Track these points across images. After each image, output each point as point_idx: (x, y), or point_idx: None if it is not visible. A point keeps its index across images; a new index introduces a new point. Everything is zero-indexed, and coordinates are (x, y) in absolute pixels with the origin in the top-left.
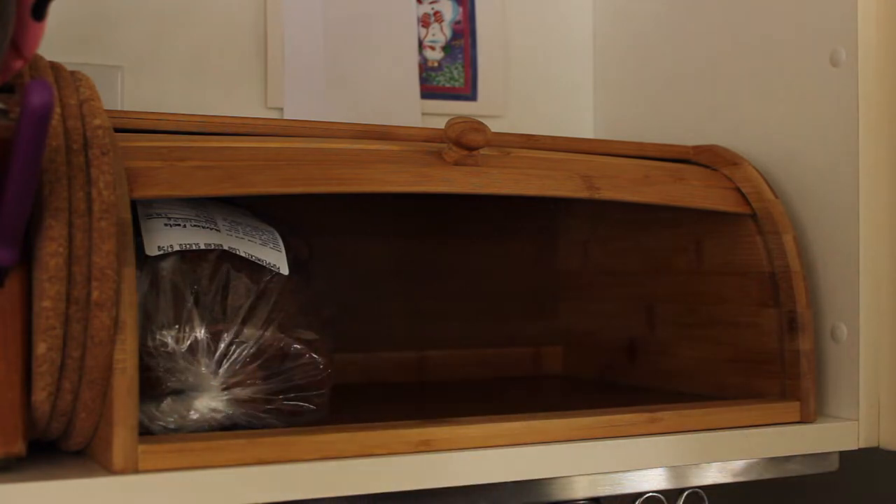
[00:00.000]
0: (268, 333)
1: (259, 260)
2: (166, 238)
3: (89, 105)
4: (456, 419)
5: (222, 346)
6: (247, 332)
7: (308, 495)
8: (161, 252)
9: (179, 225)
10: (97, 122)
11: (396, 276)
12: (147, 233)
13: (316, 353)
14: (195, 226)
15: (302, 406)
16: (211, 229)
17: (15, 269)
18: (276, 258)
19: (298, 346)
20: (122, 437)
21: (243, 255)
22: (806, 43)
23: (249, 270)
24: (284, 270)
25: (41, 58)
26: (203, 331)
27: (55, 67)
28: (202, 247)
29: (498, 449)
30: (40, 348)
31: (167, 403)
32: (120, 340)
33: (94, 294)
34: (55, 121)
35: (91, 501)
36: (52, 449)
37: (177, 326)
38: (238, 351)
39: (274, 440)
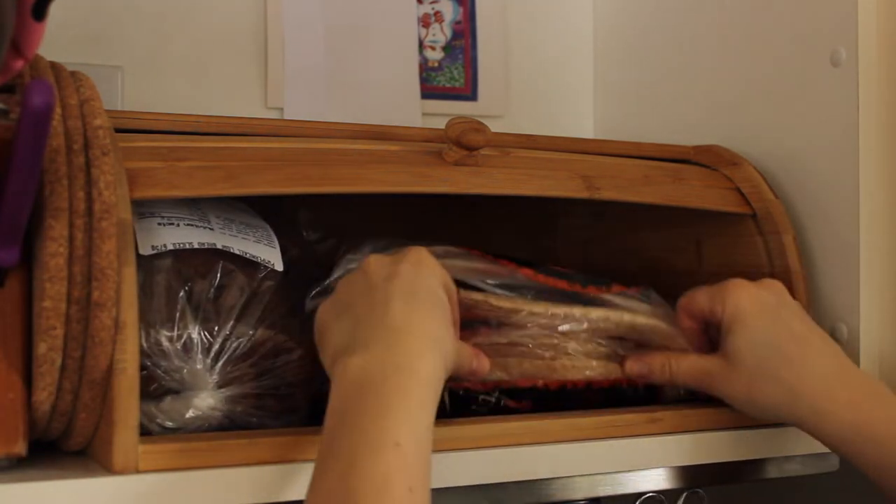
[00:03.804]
0: (260, 331)
1: (253, 257)
2: (160, 237)
3: (90, 105)
4: (456, 419)
5: (217, 344)
6: (240, 329)
7: None
8: (155, 251)
9: (173, 224)
10: (98, 122)
11: None
12: (140, 232)
13: (307, 351)
14: (188, 224)
15: (296, 403)
16: (204, 227)
17: (15, 270)
18: (269, 254)
19: (290, 344)
20: (122, 437)
21: (237, 252)
22: (806, 43)
23: (243, 268)
24: (279, 266)
25: (41, 58)
26: (197, 329)
27: (55, 67)
28: (195, 245)
29: (498, 449)
30: (41, 348)
31: (167, 402)
32: (120, 340)
33: (95, 294)
34: (55, 121)
35: (91, 501)
36: (52, 449)
37: (171, 325)
38: (232, 348)
39: (274, 440)
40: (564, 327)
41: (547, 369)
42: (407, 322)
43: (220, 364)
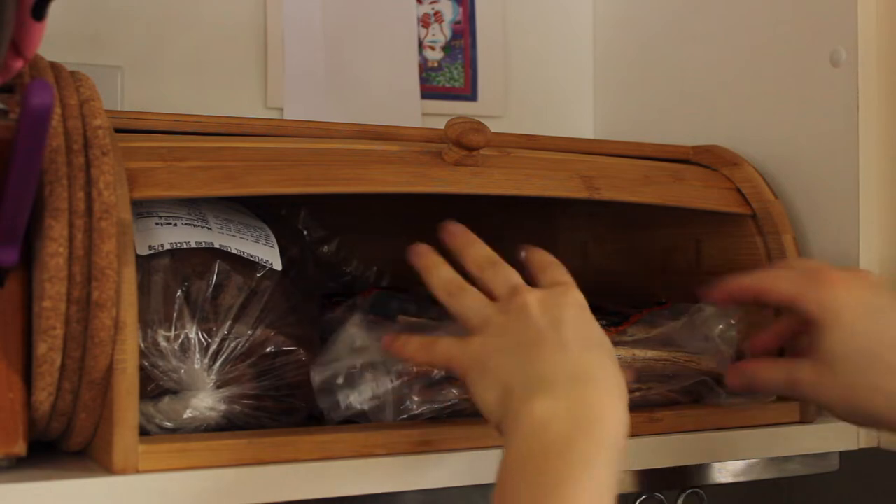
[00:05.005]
0: (259, 331)
1: (251, 256)
2: (157, 237)
3: (89, 105)
4: (456, 419)
5: (215, 344)
6: (238, 329)
7: (308, 495)
8: (152, 251)
9: (171, 223)
10: (97, 122)
11: (395, 276)
12: (138, 232)
13: (306, 351)
14: (186, 224)
15: (294, 404)
16: (202, 227)
17: (15, 270)
18: (268, 254)
19: (289, 345)
20: (122, 437)
21: (235, 252)
22: (806, 43)
23: (241, 268)
24: (277, 266)
25: (41, 58)
26: (195, 329)
27: (55, 67)
28: (193, 245)
29: (498, 449)
30: (40, 348)
31: (165, 403)
32: (120, 340)
33: (95, 294)
34: (55, 121)
35: (91, 501)
36: (52, 449)
37: (168, 325)
38: (230, 349)
39: (274, 440)
40: None
41: None
42: (589, 370)
43: (218, 364)
